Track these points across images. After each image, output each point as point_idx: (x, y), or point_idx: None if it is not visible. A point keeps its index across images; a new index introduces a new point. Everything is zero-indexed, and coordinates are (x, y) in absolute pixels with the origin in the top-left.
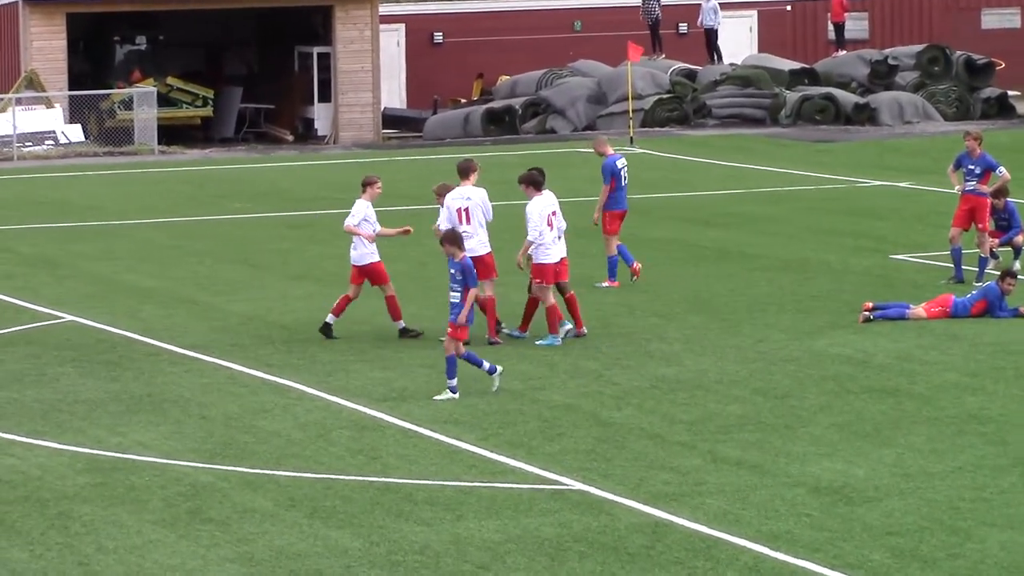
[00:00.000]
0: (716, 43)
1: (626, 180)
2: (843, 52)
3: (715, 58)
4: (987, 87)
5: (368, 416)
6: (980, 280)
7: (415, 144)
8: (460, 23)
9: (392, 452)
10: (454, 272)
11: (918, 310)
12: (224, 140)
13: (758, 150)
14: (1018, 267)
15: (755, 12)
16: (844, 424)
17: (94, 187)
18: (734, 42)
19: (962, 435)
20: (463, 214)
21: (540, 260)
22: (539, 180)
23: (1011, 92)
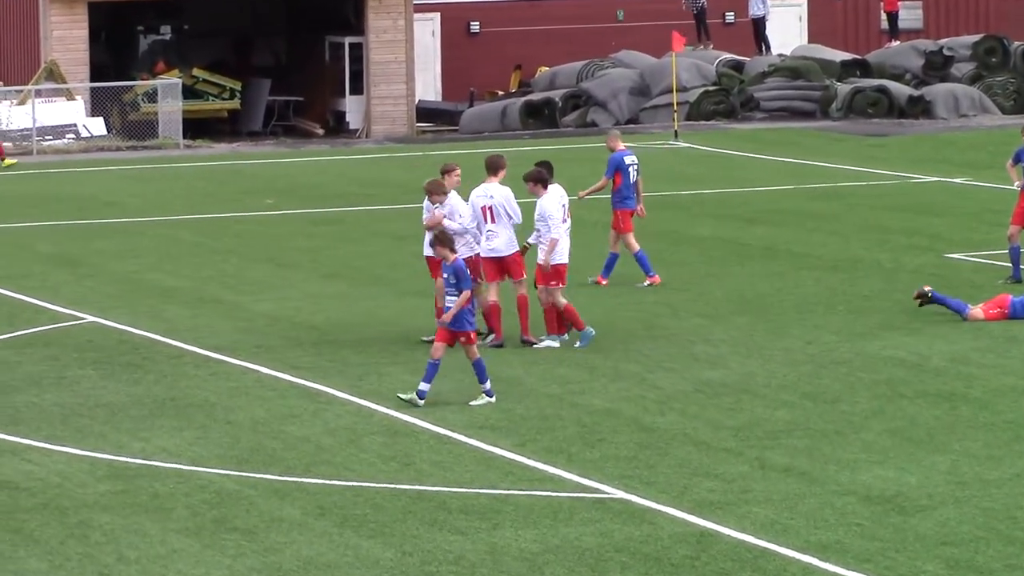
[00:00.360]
0: (764, 33)
1: (635, 178)
2: (896, 42)
3: (763, 48)
4: None
5: (401, 421)
6: None
7: (450, 138)
8: (498, 12)
9: (426, 459)
10: (447, 276)
11: (976, 311)
12: (252, 134)
13: (807, 145)
14: None
15: (805, 1)
16: (897, 430)
17: (116, 183)
18: (783, 32)
19: (1020, 441)
20: (488, 212)
21: (556, 261)
22: (547, 178)
23: None
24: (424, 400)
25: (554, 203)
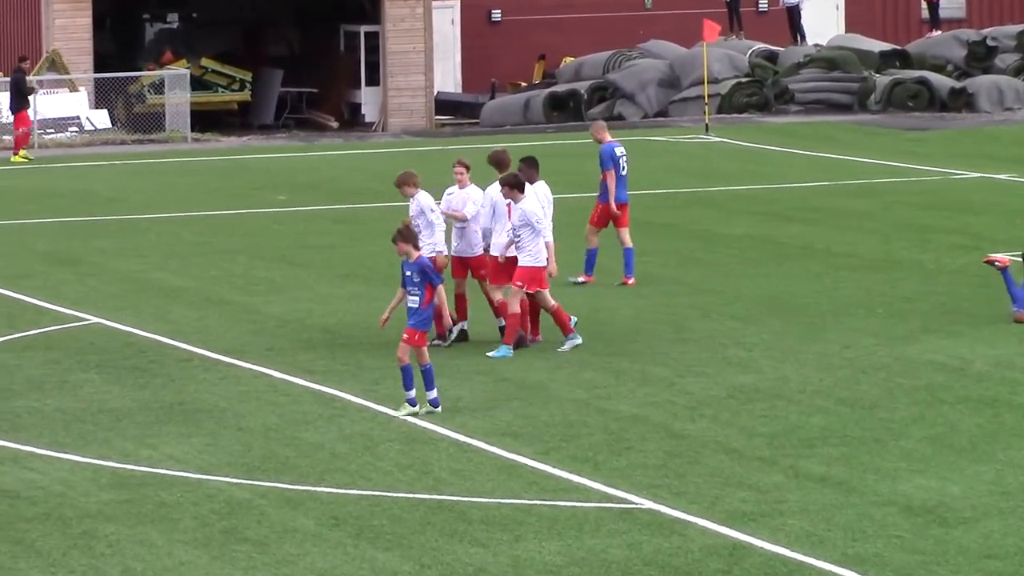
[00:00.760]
0: (799, 22)
1: (625, 170)
2: (938, 32)
3: (798, 38)
4: None
5: (419, 428)
6: None
7: (471, 131)
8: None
9: (445, 467)
10: (409, 274)
11: (1022, 314)
12: (263, 127)
13: (845, 139)
14: None
15: None
16: (938, 437)
17: (121, 178)
18: (819, 21)
19: None
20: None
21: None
22: (523, 182)
23: None
24: (418, 405)
25: (537, 203)
